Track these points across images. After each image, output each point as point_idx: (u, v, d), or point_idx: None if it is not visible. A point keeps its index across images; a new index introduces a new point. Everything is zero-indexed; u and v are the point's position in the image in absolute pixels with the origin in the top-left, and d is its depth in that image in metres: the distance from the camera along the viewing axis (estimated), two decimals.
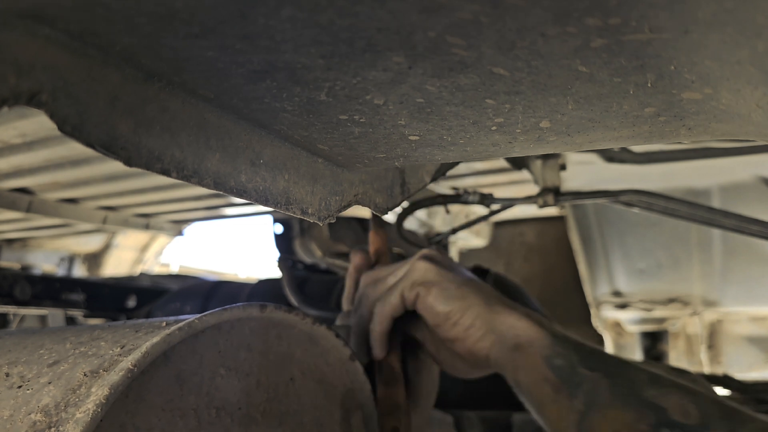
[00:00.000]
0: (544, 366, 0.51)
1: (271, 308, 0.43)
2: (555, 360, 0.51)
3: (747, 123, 0.32)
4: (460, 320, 0.55)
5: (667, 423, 0.44)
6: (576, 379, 0.50)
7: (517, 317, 0.55)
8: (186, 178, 0.32)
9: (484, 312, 0.55)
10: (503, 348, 0.54)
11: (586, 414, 0.48)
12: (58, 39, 0.25)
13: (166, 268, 2.91)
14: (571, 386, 0.50)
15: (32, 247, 1.91)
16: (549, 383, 0.51)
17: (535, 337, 0.53)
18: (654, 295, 1.49)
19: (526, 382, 0.52)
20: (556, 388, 0.50)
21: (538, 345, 0.52)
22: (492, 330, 0.55)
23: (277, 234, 1.18)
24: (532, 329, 0.53)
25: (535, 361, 0.52)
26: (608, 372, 0.49)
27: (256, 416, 0.40)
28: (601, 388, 0.48)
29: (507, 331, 0.54)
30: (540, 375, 0.51)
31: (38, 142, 0.95)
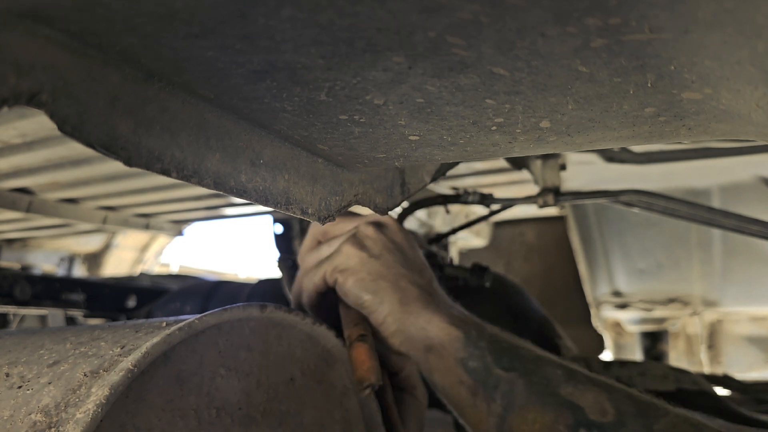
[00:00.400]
0: (460, 369, 0.51)
1: (271, 308, 0.43)
2: (469, 362, 0.51)
3: (747, 123, 0.32)
4: (374, 313, 0.55)
5: (584, 423, 0.45)
6: (492, 381, 0.49)
7: (429, 317, 0.54)
8: (186, 178, 0.32)
9: (396, 310, 0.54)
10: (415, 348, 0.54)
11: (505, 417, 0.48)
12: (58, 39, 0.25)
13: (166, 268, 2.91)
14: (487, 388, 0.49)
15: (32, 247, 1.91)
16: (465, 386, 0.50)
17: (447, 339, 0.52)
18: (654, 295, 1.49)
19: (442, 384, 0.52)
20: (473, 391, 0.50)
21: (450, 347, 0.52)
22: (402, 329, 0.54)
23: (277, 234, 1.18)
24: (444, 330, 0.52)
25: (449, 363, 0.51)
26: (524, 370, 0.49)
27: (256, 416, 0.40)
28: (517, 389, 0.48)
29: (417, 333, 0.53)
30: (456, 378, 0.51)
31: (38, 142, 0.95)
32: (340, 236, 0.59)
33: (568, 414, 0.46)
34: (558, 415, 0.46)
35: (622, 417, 0.45)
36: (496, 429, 0.48)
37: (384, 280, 0.56)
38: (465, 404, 0.51)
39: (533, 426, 0.46)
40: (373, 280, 0.55)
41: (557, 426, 0.46)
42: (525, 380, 0.49)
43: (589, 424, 0.45)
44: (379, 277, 0.56)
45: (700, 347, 1.55)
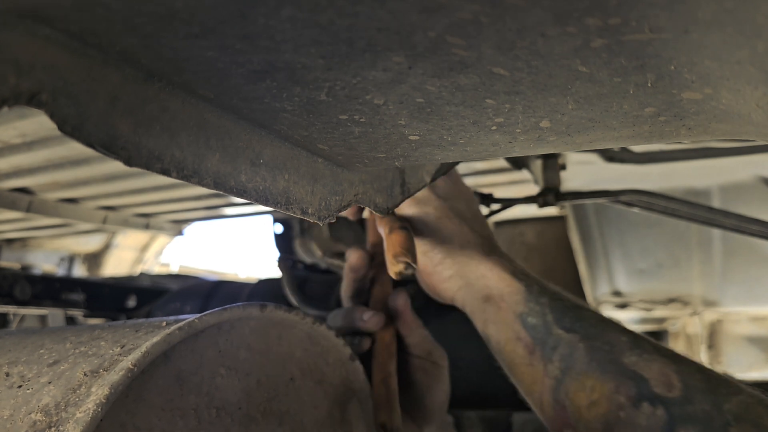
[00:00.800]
0: (518, 323, 0.48)
1: (271, 308, 0.43)
2: (529, 318, 0.48)
3: (747, 123, 0.32)
4: (430, 252, 0.52)
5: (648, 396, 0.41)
6: (551, 341, 0.46)
7: (491, 265, 0.51)
8: (186, 178, 0.32)
9: (456, 252, 0.52)
10: (472, 296, 0.51)
11: (562, 380, 0.45)
12: (58, 39, 0.25)
13: (166, 268, 2.91)
14: (546, 349, 0.46)
15: (32, 247, 1.91)
16: (522, 343, 0.48)
17: (508, 290, 0.49)
18: (654, 295, 1.49)
19: (497, 338, 0.49)
20: (530, 349, 0.47)
21: (510, 299, 0.49)
22: (461, 274, 0.51)
23: (277, 234, 1.18)
24: (505, 281, 0.50)
25: (507, 317, 0.49)
26: (586, 334, 0.46)
27: (256, 416, 0.40)
28: (577, 353, 0.45)
29: (477, 280, 0.51)
30: (512, 333, 0.48)
31: (38, 142, 0.95)
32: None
33: (630, 385, 0.42)
34: (619, 385, 0.42)
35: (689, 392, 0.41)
36: (550, 392, 0.45)
37: (447, 220, 0.52)
38: (519, 362, 0.48)
39: (591, 394, 0.43)
40: (437, 218, 0.52)
41: (617, 397, 0.42)
42: (586, 344, 0.45)
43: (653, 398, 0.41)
44: (444, 216, 0.52)
45: (700, 347, 1.55)
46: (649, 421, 0.41)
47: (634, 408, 0.41)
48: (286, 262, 1.01)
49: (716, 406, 0.40)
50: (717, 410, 0.40)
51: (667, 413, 0.40)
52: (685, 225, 1.32)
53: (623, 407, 0.42)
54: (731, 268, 1.38)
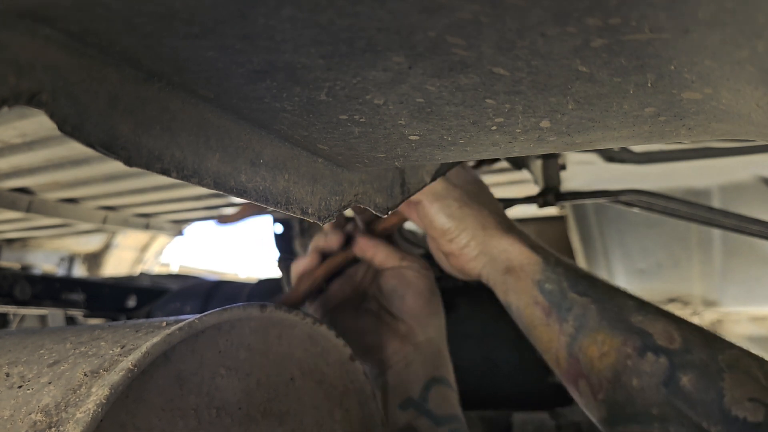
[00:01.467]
0: (535, 290, 0.54)
1: (271, 308, 0.43)
2: (546, 284, 0.53)
3: (747, 123, 0.32)
4: (456, 238, 0.58)
5: (652, 347, 0.47)
6: (566, 304, 0.52)
7: (511, 241, 0.57)
8: (186, 178, 0.32)
9: (479, 234, 0.57)
10: (495, 270, 0.57)
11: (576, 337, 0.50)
12: (58, 39, 0.25)
13: (166, 268, 2.90)
14: (561, 310, 0.52)
15: (32, 247, 1.91)
16: (540, 306, 0.53)
17: (527, 261, 0.55)
18: (654, 295, 1.49)
19: (517, 304, 0.55)
20: (547, 311, 0.53)
21: (529, 269, 0.55)
22: (485, 252, 0.57)
23: (277, 234, 1.18)
24: (524, 253, 0.56)
25: (526, 284, 0.54)
26: (597, 297, 0.51)
27: (256, 416, 0.40)
28: (590, 313, 0.50)
29: (499, 255, 0.57)
30: (531, 298, 0.54)
31: (38, 142, 0.95)
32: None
33: (636, 338, 0.47)
34: (627, 339, 0.48)
35: (688, 345, 0.46)
36: (566, 348, 0.51)
37: (468, 207, 0.58)
38: (538, 323, 0.53)
39: (602, 347, 0.49)
40: (459, 207, 0.58)
41: (625, 348, 0.47)
42: (597, 306, 0.51)
43: (656, 349, 0.47)
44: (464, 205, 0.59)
45: None
46: (653, 367, 0.46)
47: (639, 357, 0.47)
48: (286, 262, 1.01)
49: (712, 356, 0.45)
50: (712, 360, 0.45)
51: (668, 361, 0.46)
52: (685, 225, 1.32)
53: (630, 357, 0.47)
54: (731, 268, 1.38)
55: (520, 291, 0.55)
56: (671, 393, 0.45)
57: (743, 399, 0.43)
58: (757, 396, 0.43)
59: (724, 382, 0.44)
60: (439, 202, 0.59)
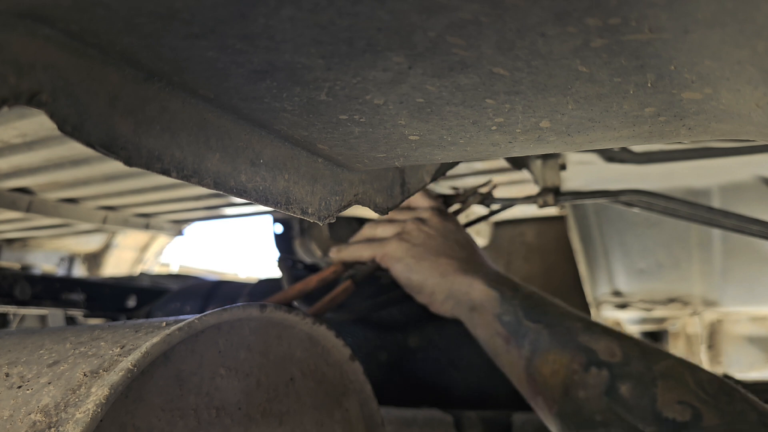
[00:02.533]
0: (496, 322, 0.61)
1: (271, 308, 0.43)
2: (504, 316, 0.61)
3: (747, 123, 0.32)
4: (423, 289, 0.67)
5: (595, 362, 0.54)
6: (522, 331, 0.59)
7: (470, 282, 0.64)
8: (186, 178, 0.32)
9: (441, 281, 0.65)
10: (462, 309, 0.64)
11: (531, 359, 0.57)
12: (58, 39, 0.25)
13: (166, 268, 2.90)
14: (518, 337, 0.59)
15: (32, 247, 1.91)
16: (501, 336, 0.60)
17: (486, 298, 0.62)
18: (654, 295, 1.49)
19: (483, 336, 0.62)
20: (507, 339, 0.60)
21: (488, 305, 0.62)
22: (450, 295, 0.65)
23: (277, 234, 1.18)
24: (483, 291, 0.63)
25: (488, 318, 0.62)
26: (549, 322, 0.58)
27: (256, 416, 0.40)
28: (542, 337, 0.57)
29: (462, 296, 0.64)
30: (493, 330, 0.61)
31: (38, 142, 0.95)
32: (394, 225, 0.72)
33: (582, 355, 0.54)
34: (574, 356, 0.55)
35: (627, 358, 0.53)
36: (524, 370, 0.58)
37: (425, 261, 0.67)
38: (500, 351, 0.60)
39: (553, 366, 0.55)
40: (417, 262, 0.67)
41: (572, 365, 0.54)
42: (549, 330, 0.57)
43: (599, 363, 0.53)
44: (421, 260, 0.67)
45: (700, 347, 1.55)
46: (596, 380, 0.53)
47: (584, 372, 0.54)
48: (286, 262, 1.01)
49: (648, 367, 0.52)
50: (648, 369, 0.51)
51: (609, 373, 0.53)
52: (685, 225, 1.32)
53: (577, 372, 0.54)
54: (731, 268, 1.38)
55: (484, 325, 0.62)
56: (612, 400, 0.51)
57: (673, 402, 0.49)
58: (685, 399, 0.49)
59: (657, 388, 0.50)
60: (400, 263, 0.68)
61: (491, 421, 0.72)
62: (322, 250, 1.12)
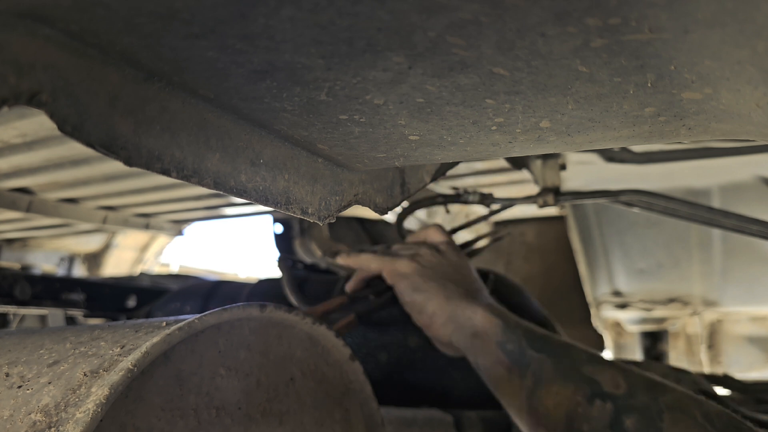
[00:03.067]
0: (498, 350, 0.60)
1: (271, 308, 0.43)
2: (507, 345, 0.59)
3: (747, 123, 0.32)
4: (424, 309, 0.66)
5: (599, 394, 0.52)
6: (525, 361, 0.58)
7: (474, 309, 0.63)
8: (186, 178, 0.32)
9: (444, 304, 0.65)
10: (463, 335, 0.63)
11: (534, 390, 0.56)
12: (58, 39, 0.25)
13: (166, 268, 2.90)
14: (521, 367, 0.58)
15: (32, 247, 1.91)
16: (503, 365, 0.59)
17: (489, 326, 0.61)
18: (654, 295, 1.49)
19: (484, 364, 0.61)
20: (509, 369, 0.59)
21: (491, 332, 0.61)
22: (451, 319, 0.64)
23: (277, 234, 1.18)
24: (487, 318, 0.62)
25: (490, 346, 0.60)
26: (552, 353, 0.57)
27: (256, 416, 0.40)
28: (546, 367, 0.56)
29: (465, 322, 0.63)
30: (495, 358, 0.60)
31: (38, 142, 0.95)
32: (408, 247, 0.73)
33: (586, 387, 0.53)
34: (577, 388, 0.54)
35: (632, 390, 0.52)
36: (526, 401, 0.56)
37: (432, 282, 0.66)
38: (502, 381, 0.59)
39: (556, 397, 0.54)
40: (423, 282, 0.67)
41: (576, 396, 0.53)
42: (552, 360, 0.56)
43: (604, 395, 0.52)
44: (429, 280, 0.67)
45: (700, 347, 1.55)
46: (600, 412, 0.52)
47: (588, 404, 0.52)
48: (286, 262, 1.01)
49: (654, 399, 0.50)
50: (654, 402, 0.50)
51: (614, 406, 0.51)
52: (685, 225, 1.32)
53: (580, 404, 0.53)
54: (731, 268, 1.38)
55: (485, 353, 0.61)
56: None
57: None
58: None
59: (663, 422, 0.49)
60: (406, 280, 0.68)
61: (491, 421, 0.72)
62: (322, 250, 1.12)
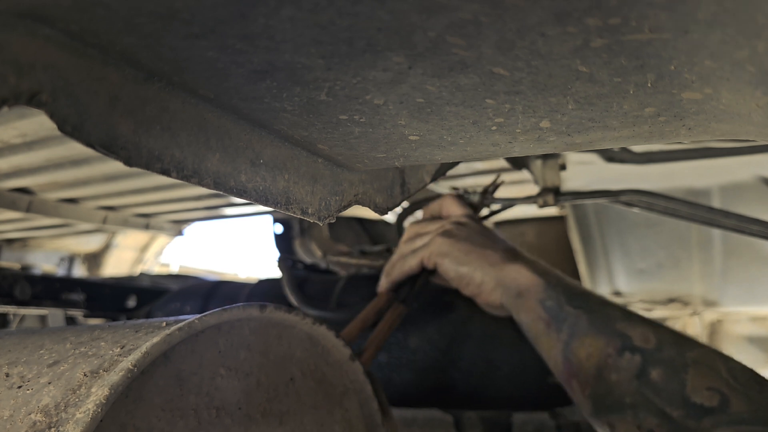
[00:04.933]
0: (539, 307, 0.63)
1: (271, 308, 0.43)
2: (547, 302, 0.63)
3: (747, 123, 0.32)
4: (472, 280, 0.69)
5: (630, 347, 0.55)
6: (562, 316, 0.61)
7: (517, 268, 0.67)
8: (186, 178, 0.32)
9: (489, 270, 0.68)
10: (509, 296, 0.66)
11: (569, 342, 0.59)
12: (58, 39, 0.25)
13: (166, 268, 2.90)
14: (558, 321, 0.61)
15: (32, 247, 1.91)
16: (542, 321, 0.63)
17: (532, 284, 0.65)
18: (654, 295, 1.49)
19: (525, 320, 0.64)
20: (548, 323, 0.62)
21: (533, 290, 0.64)
22: (498, 283, 0.67)
23: (277, 234, 1.18)
24: (529, 278, 0.65)
25: (532, 303, 0.64)
26: (589, 308, 0.60)
27: (256, 416, 0.40)
28: (581, 322, 0.59)
29: (510, 283, 0.66)
30: (536, 314, 0.63)
31: (38, 142, 0.95)
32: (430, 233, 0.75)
33: (617, 340, 0.56)
34: (609, 341, 0.57)
35: (661, 344, 0.55)
36: (561, 352, 0.60)
37: (473, 253, 0.69)
38: (540, 334, 0.63)
39: (588, 349, 0.57)
40: (465, 255, 0.69)
41: (608, 349, 0.56)
42: (588, 316, 0.60)
43: (633, 348, 0.55)
44: (469, 252, 0.70)
45: None
46: (629, 363, 0.54)
47: (618, 356, 0.55)
48: (286, 262, 1.01)
49: (680, 353, 0.53)
50: (680, 356, 0.53)
51: (642, 358, 0.54)
52: (685, 225, 1.32)
53: (611, 356, 0.56)
54: (731, 268, 1.38)
55: (528, 309, 0.64)
56: (642, 384, 0.53)
57: (702, 388, 0.50)
58: (715, 385, 0.50)
59: (687, 374, 0.51)
60: (448, 257, 0.70)
61: (491, 421, 0.72)
62: (322, 250, 1.12)
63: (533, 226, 1.94)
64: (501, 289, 0.67)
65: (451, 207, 0.79)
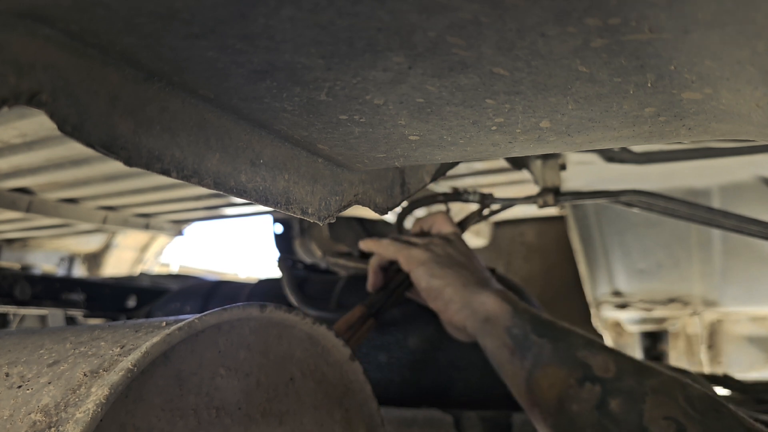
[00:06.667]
0: (505, 334, 0.64)
1: (271, 308, 0.43)
2: (513, 329, 0.64)
3: (747, 123, 0.32)
4: (441, 295, 0.70)
5: (590, 377, 0.57)
6: (527, 344, 0.62)
7: (487, 295, 0.68)
8: (186, 178, 0.32)
9: (461, 290, 0.69)
10: (476, 320, 0.67)
11: (532, 372, 0.60)
12: (58, 39, 0.25)
13: (166, 268, 2.90)
14: (523, 350, 0.62)
15: (32, 247, 1.91)
16: (507, 348, 0.64)
17: (501, 311, 0.66)
18: (654, 295, 1.49)
19: (491, 347, 0.65)
20: (512, 351, 0.63)
21: (502, 318, 0.65)
22: (466, 305, 0.68)
23: (277, 234, 1.18)
24: (498, 305, 0.66)
25: (498, 330, 0.65)
26: (553, 337, 0.61)
27: (256, 416, 0.40)
28: (545, 351, 0.61)
29: (479, 307, 0.67)
30: (501, 341, 0.64)
31: (38, 142, 0.95)
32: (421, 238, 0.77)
33: (579, 370, 0.57)
34: (571, 371, 0.58)
35: (621, 374, 0.56)
36: (525, 381, 0.61)
37: (449, 270, 0.71)
38: (505, 361, 0.64)
39: (551, 379, 0.58)
40: (440, 268, 0.71)
41: (569, 379, 0.57)
42: (552, 345, 0.61)
43: (594, 378, 0.56)
44: (446, 267, 0.71)
45: (700, 347, 1.55)
46: (589, 394, 0.56)
47: (579, 386, 0.56)
48: (286, 262, 1.01)
49: (639, 382, 0.54)
50: (639, 385, 0.54)
51: (602, 388, 0.55)
52: (685, 225, 1.32)
53: (572, 386, 0.57)
54: (731, 268, 1.38)
55: (494, 335, 0.65)
56: (602, 415, 0.54)
57: (659, 417, 0.51)
58: (672, 415, 0.51)
59: (645, 404, 0.52)
60: (423, 266, 0.71)
61: (491, 421, 0.72)
62: (322, 250, 1.11)
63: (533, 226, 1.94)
64: (468, 311, 0.68)
65: (441, 224, 0.81)
